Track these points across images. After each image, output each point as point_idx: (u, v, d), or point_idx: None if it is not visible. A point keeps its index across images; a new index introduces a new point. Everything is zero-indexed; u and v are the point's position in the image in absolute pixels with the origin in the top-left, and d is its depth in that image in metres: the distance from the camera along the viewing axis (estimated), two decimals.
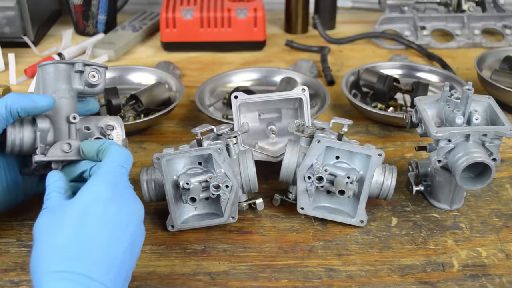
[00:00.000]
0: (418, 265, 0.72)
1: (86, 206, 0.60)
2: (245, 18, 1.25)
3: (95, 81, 0.74)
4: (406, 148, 0.94)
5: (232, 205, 0.75)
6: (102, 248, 0.58)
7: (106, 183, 0.62)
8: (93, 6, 1.32)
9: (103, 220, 0.59)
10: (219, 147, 0.74)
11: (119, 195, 0.62)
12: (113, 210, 0.60)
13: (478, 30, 1.32)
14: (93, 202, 0.60)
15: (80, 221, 0.58)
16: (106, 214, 0.59)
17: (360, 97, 1.07)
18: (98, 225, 0.59)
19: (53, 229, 0.59)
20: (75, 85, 0.74)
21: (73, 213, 0.59)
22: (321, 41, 1.33)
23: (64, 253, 0.56)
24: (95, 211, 0.59)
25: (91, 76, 0.74)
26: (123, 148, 0.67)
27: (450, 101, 0.77)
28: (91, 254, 0.57)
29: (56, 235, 0.58)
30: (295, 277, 0.70)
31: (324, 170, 0.75)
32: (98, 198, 0.60)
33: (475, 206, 0.81)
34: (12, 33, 1.26)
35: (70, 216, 0.59)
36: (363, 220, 0.77)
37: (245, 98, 0.82)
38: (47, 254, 0.57)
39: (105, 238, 0.58)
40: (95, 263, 0.57)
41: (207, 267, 0.72)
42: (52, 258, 0.56)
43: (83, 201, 0.60)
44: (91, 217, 0.59)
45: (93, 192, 0.61)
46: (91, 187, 0.61)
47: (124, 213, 0.61)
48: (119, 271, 0.58)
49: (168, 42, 1.26)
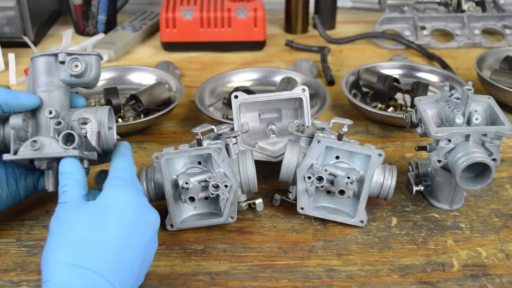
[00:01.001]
0: (418, 265, 0.72)
1: (106, 207, 0.61)
2: (245, 18, 1.25)
3: (77, 71, 0.71)
4: (406, 148, 0.94)
5: (231, 205, 0.75)
6: (115, 249, 0.59)
7: (125, 190, 0.63)
8: (93, 6, 1.32)
9: (121, 223, 0.60)
10: (218, 147, 0.74)
11: (139, 202, 0.63)
12: (131, 215, 0.61)
13: (478, 30, 1.32)
14: (112, 204, 0.61)
15: (98, 220, 0.60)
16: (124, 217, 0.61)
17: (360, 97, 1.07)
18: (114, 226, 0.60)
19: (70, 223, 0.60)
20: (61, 76, 0.71)
21: (91, 212, 0.61)
22: (321, 41, 1.33)
23: (79, 247, 0.58)
24: (113, 213, 0.61)
25: (74, 66, 0.71)
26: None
27: (450, 101, 0.77)
28: (104, 252, 0.58)
29: (72, 230, 0.59)
30: (295, 277, 0.70)
31: (324, 170, 0.75)
32: (118, 202, 0.62)
33: (475, 206, 0.81)
34: (12, 33, 1.26)
35: (88, 215, 0.60)
36: (363, 220, 0.77)
37: (245, 98, 0.82)
38: (61, 246, 0.58)
39: (120, 240, 0.59)
40: (107, 262, 0.58)
41: (207, 267, 0.72)
42: (66, 250, 0.58)
43: (102, 203, 0.62)
44: (109, 218, 0.60)
45: (113, 196, 0.62)
46: (111, 192, 0.63)
47: (141, 220, 0.62)
48: (129, 274, 0.59)
49: (168, 42, 1.26)
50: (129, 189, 0.64)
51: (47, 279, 0.56)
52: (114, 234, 0.59)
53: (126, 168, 0.67)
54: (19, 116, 0.68)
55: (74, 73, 0.71)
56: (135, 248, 0.61)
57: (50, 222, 0.61)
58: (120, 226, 0.60)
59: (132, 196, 0.63)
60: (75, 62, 0.71)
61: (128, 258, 0.60)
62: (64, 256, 0.57)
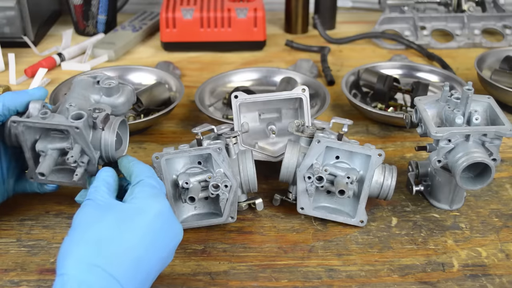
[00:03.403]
0: (418, 265, 0.72)
1: (136, 213, 0.61)
2: (245, 18, 1.25)
3: (109, 86, 0.74)
4: (406, 148, 0.94)
5: (231, 205, 0.75)
6: (137, 257, 0.58)
7: (156, 199, 0.63)
8: (93, 6, 1.32)
9: (147, 231, 0.60)
10: (218, 147, 0.74)
11: (168, 214, 0.63)
12: (159, 225, 0.61)
13: (478, 30, 1.32)
14: (143, 211, 0.61)
15: (125, 225, 0.59)
16: (151, 227, 0.60)
17: (360, 97, 1.07)
18: (140, 234, 0.60)
19: (96, 222, 0.59)
20: (94, 95, 0.74)
21: (119, 214, 0.60)
22: (321, 41, 1.33)
23: (101, 248, 0.57)
24: (143, 220, 0.60)
25: (107, 84, 0.74)
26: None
27: (450, 101, 0.77)
28: (125, 258, 0.58)
29: (97, 229, 0.59)
30: (295, 277, 0.70)
31: (324, 170, 0.75)
32: (149, 210, 0.61)
33: (475, 206, 0.81)
34: (12, 33, 1.26)
35: (116, 217, 0.60)
36: (363, 220, 0.77)
37: (245, 98, 0.82)
38: (83, 243, 0.58)
39: (143, 249, 0.59)
40: (126, 268, 0.57)
41: (207, 267, 0.72)
42: (87, 248, 0.57)
43: (132, 207, 0.61)
44: (138, 224, 0.60)
45: (142, 203, 0.62)
46: (141, 199, 0.62)
47: (167, 233, 0.62)
48: (144, 283, 0.59)
49: (168, 42, 1.26)
50: (161, 198, 0.63)
51: (64, 273, 0.55)
52: (138, 242, 0.59)
53: (152, 174, 0.67)
54: (38, 102, 0.71)
55: (105, 86, 0.74)
56: (156, 259, 0.60)
57: (74, 217, 0.60)
58: (146, 234, 0.60)
59: (163, 207, 0.62)
60: (110, 80, 0.75)
61: (146, 268, 0.59)
62: (84, 254, 0.57)
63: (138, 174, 0.66)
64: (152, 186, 0.64)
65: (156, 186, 0.65)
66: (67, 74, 1.16)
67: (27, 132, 0.69)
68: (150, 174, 0.66)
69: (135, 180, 0.65)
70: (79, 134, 0.68)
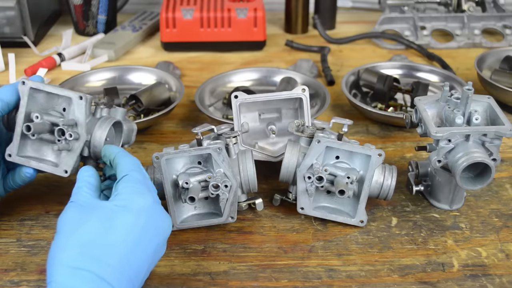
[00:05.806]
0: (418, 265, 0.72)
1: (119, 210, 0.60)
2: (245, 18, 1.25)
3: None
4: (406, 148, 0.94)
5: (231, 205, 0.75)
6: (123, 255, 0.58)
7: (140, 194, 0.62)
8: (93, 6, 1.32)
9: (131, 229, 0.59)
10: (218, 147, 0.74)
11: (153, 208, 0.62)
12: (143, 221, 0.60)
13: (478, 30, 1.31)
14: (126, 208, 0.60)
15: (108, 224, 0.59)
16: (135, 224, 0.60)
17: (360, 97, 1.07)
18: (124, 232, 0.59)
19: (79, 225, 0.59)
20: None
21: (102, 214, 0.60)
22: (321, 41, 1.33)
23: (85, 251, 0.57)
24: (126, 218, 0.60)
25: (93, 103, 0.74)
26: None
27: (450, 101, 0.77)
28: (110, 257, 0.57)
29: (80, 232, 0.58)
30: (295, 277, 0.70)
31: (324, 170, 0.75)
32: (133, 206, 0.61)
33: (475, 206, 0.81)
34: (12, 33, 1.26)
35: (99, 217, 0.59)
36: (363, 220, 0.77)
37: (245, 98, 0.82)
38: (68, 248, 0.57)
39: (129, 246, 0.59)
40: (112, 267, 0.57)
41: (207, 267, 0.72)
42: (72, 253, 0.57)
43: (115, 205, 0.60)
44: (121, 222, 0.59)
45: (126, 200, 0.61)
46: (124, 195, 0.61)
47: (153, 227, 0.61)
48: (135, 279, 0.59)
49: (168, 42, 1.26)
50: (145, 194, 0.62)
51: (51, 280, 0.56)
52: (123, 240, 0.58)
53: (137, 167, 0.65)
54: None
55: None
56: (144, 255, 0.60)
57: (58, 221, 0.60)
58: (131, 232, 0.59)
59: (147, 202, 0.62)
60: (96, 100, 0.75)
61: (135, 264, 0.59)
62: (69, 259, 0.56)
63: (122, 168, 0.65)
64: (136, 181, 0.63)
65: (140, 180, 0.64)
66: (67, 74, 1.16)
67: (30, 98, 0.71)
68: (134, 167, 0.65)
69: (120, 175, 0.64)
70: (79, 105, 0.69)
